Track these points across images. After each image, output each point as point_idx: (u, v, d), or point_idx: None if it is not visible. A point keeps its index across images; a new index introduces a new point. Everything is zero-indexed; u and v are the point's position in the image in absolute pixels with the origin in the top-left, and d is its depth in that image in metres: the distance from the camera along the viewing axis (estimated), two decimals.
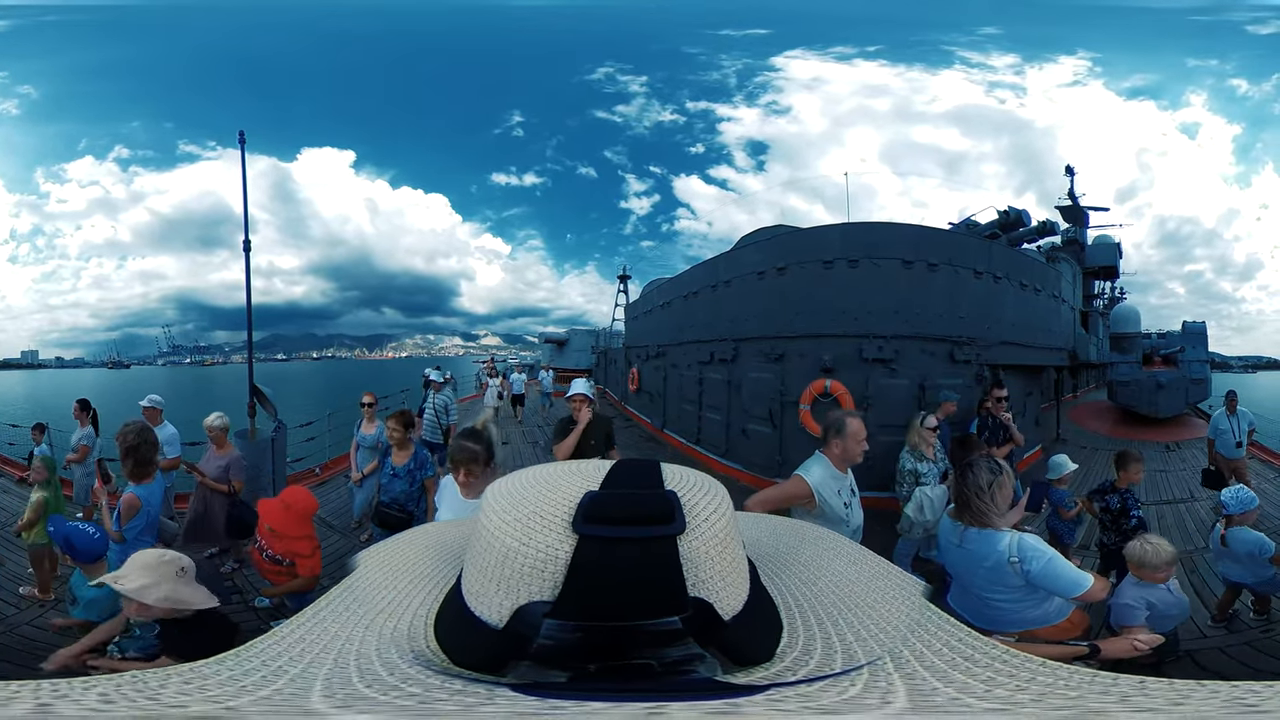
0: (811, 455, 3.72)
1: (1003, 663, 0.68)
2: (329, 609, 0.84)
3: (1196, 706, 0.60)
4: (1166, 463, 10.89)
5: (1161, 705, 0.59)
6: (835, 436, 3.62)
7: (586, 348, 27.11)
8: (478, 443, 3.48)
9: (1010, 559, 2.75)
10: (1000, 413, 6.98)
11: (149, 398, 7.10)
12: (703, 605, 0.66)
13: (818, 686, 0.63)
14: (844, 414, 3.78)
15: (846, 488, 3.65)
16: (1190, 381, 15.51)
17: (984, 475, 2.94)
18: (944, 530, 3.17)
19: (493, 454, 3.56)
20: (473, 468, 3.39)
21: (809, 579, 0.91)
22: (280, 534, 4.11)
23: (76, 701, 0.63)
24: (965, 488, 2.95)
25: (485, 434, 3.60)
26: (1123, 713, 0.58)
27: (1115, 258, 21.40)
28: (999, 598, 2.86)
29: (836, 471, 3.61)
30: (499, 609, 0.68)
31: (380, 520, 5.41)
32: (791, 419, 8.69)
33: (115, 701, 0.63)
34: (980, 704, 0.60)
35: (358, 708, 0.60)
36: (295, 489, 4.68)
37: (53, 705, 0.62)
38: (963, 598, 3.07)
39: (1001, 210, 18.72)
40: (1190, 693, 0.62)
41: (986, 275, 8.96)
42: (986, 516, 2.89)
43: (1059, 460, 5.83)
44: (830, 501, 3.49)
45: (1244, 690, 0.63)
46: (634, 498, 0.70)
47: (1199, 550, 6.69)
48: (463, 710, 0.59)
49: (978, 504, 2.90)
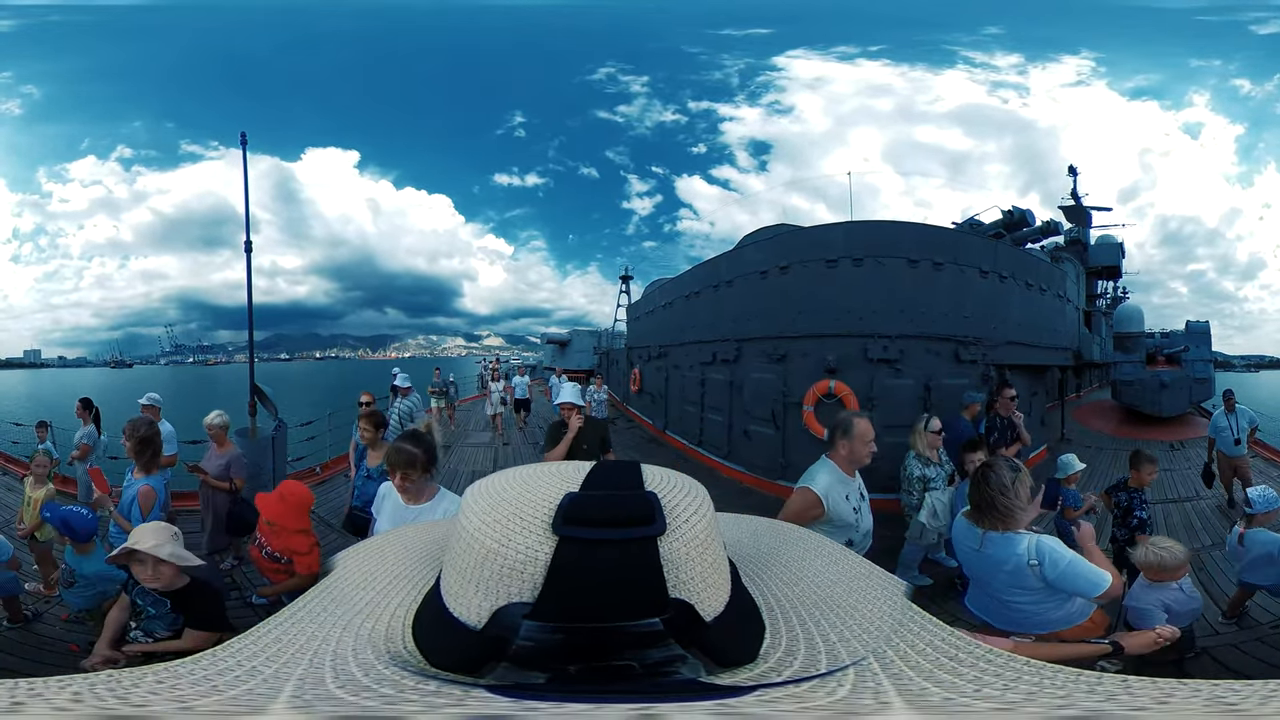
0: (815, 461, 3.59)
1: (987, 662, 0.69)
2: (306, 610, 0.83)
3: (1181, 705, 0.60)
4: (1171, 462, 10.87)
5: (1147, 704, 0.60)
6: (842, 438, 3.49)
7: (589, 348, 27.08)
8: (417, 445, 3.29)
9: (1030, 562, 2.71)
10: (1011, 412, 6.94)
11: (148, 396, 7.14)
12: (684, 606, 0.66)
13: (805, 687, 0.63)
14: (851, 414, 3.63)
15: (855, 491, 3.51)
16: (1194, 380, 15.49)
17: (1006, 474, 2.87)
18: (960, 534, 3.11)
19: (434, 458, 3.38)
20: (410, 472, 3.21)
21: (790, 580, 0.90)
22: (278, 527, 4.10)
23: (49, 700, 0.63)
24: (988, 488, 2.86)
25: (427, 437, 3.44)
26: (1118, 711, 0.58)
27: (1118, 257, 21.44)
28: (1020, 600, 2.82)
29: (844, 475, 3.47)
30: (478, 610, 0.67)
31: (351, 525, 5.08)
32: (794, 420, 8.65)
33: (84, 700, 0.63)
34: (982, 704, 0.59)
35: (318, 709, 0.59)
36: (291, 482, 4.72)
37: (25, 704, 0.62)
38: (982, 600, 3.03)
39: (1006, 210, 18.68)
40: (1174, 691, 0.63)
41: (992, 275, 8.93)
42: (1012, 515, 2.83)
43: (1067, 460, 5.79)
44: (838, 507, 3.36)
45: (1224, 689, 0.63)
46: (614, 499, 0.69)
47: (1205, 548, 6.71)
48: (429, 710, 0.58)
49: (1003, 502, 2.82)
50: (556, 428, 5.56)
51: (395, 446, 3.30)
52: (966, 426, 6.63)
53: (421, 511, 3.27)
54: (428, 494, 3.32)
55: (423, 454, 3.26)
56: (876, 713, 0.58)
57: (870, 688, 0.62)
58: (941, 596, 5.32)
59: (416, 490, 3.26)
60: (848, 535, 3.42)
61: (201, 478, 6.17)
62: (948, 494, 5.70)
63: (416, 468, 3.22)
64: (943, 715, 0.58)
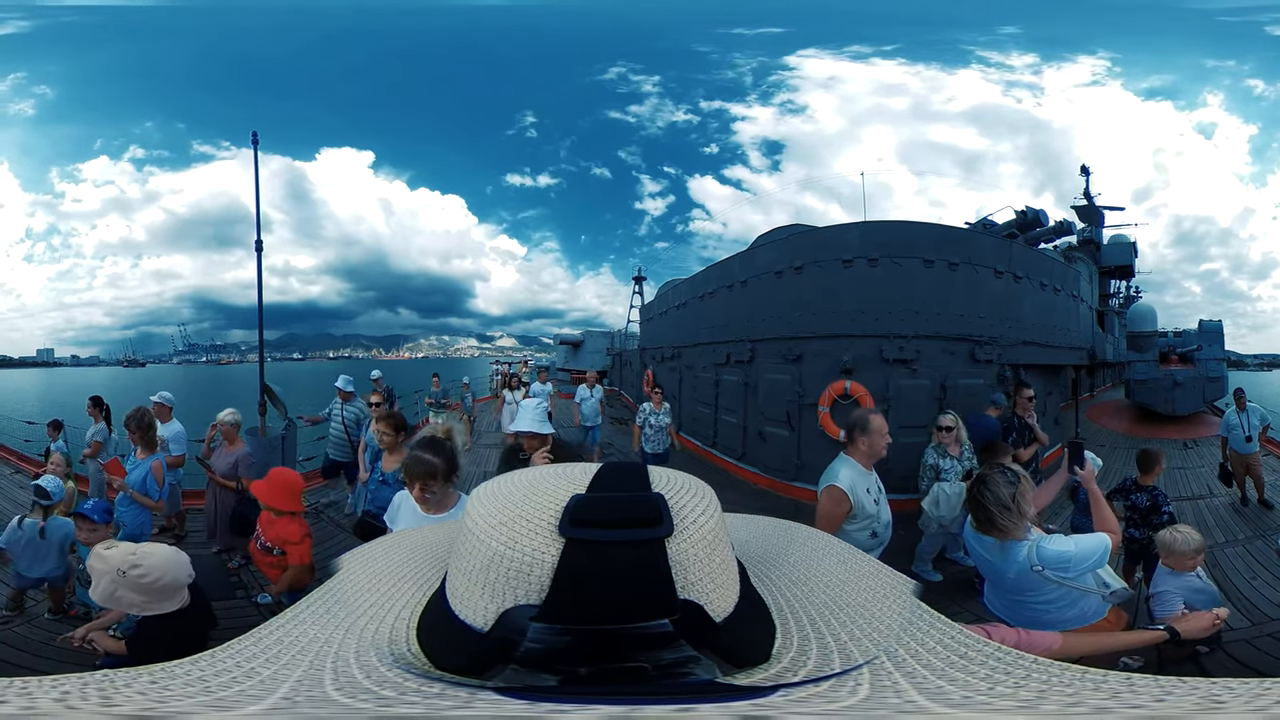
0: (834, 459, 3.76)
1: (997, 660, 0.69)
2: (309, 611, 0.83)
3: (1176, 702, 0.61)
4: (1185, 460, 10.90)
5: (1147, 701, 0.60)
6: (861, 434, 3.69)
7: (601, 349, 27.02)
8: (437, 454, 3.06)
9: (1033, 567, 2.71)
10: (1029, 413, 6.99)
11: (160, 394, 7.22)
12: (693, 607, 0.66)
13: (825, 686, 0.63)
14: (865, 411, 3.85)
15: (874, 485, 3.72)
16: (1207, 379, 15.46)
17: (1003, 489, 2.80)
18: (969, 537, 3.15)
19: (455, 467, 3.15)
20: (430, 483, 3.01)
21: (799, 579, 0.91)
22: (270, 510, 4.21)
23: (31, 700, 0.63)
24: (985, 503, 2.83)
25: (447, 445, 3.18)
26: (1119, 709, 0.59)
27: (1131, 257, 21.42)
28: (1031, 599, 2.86)
29: (863, 470, 3.68)
30: (484, 613, 0.67)
31: (362, 531, 4.69)
32: (810, 421, 8.66)
33: (73, 703, 0.63)
34: (1001, 703, 0.60)
35: (305, 711, 0.59)
36: (282, 468, 4.90)
37: (7, 701, 0.63)
38: (998, 599, 3.07)
39: (1019, 210, 18.68)
40: (1173, 688, 0.63)
41: (1007, 275, 8.93)
42: (1013, 531, 2.81)
43: (1086, 457, 5.80)
44: (862, 500, 3.56)
45: (1220, 688, 0.64)
46: (621, 501, 0.69)
47: (1218, 545, 6.81)
48: (432, 712, 0.58)
49: (1002, 521, 2.79)
50: (510, 453, 4.52)
51: (414, 456, 3.11)
52: (994, 423, 6.70)
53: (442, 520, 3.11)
54: (449, 502, 3.15)
55: (443, 464, 3.07)
56: (902, 711, 0.58)
57: (889, 686, 0.63)
58: (961, 595, 5.37)
59: (439, 501, 3.09)
60: (870, 527, 3.62)
61: (209, 476, 6.33)
62: (956, 486, 5.74)
63: (437, 478, 3.04)
64: (965, 713, 0.58)
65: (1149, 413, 14.80)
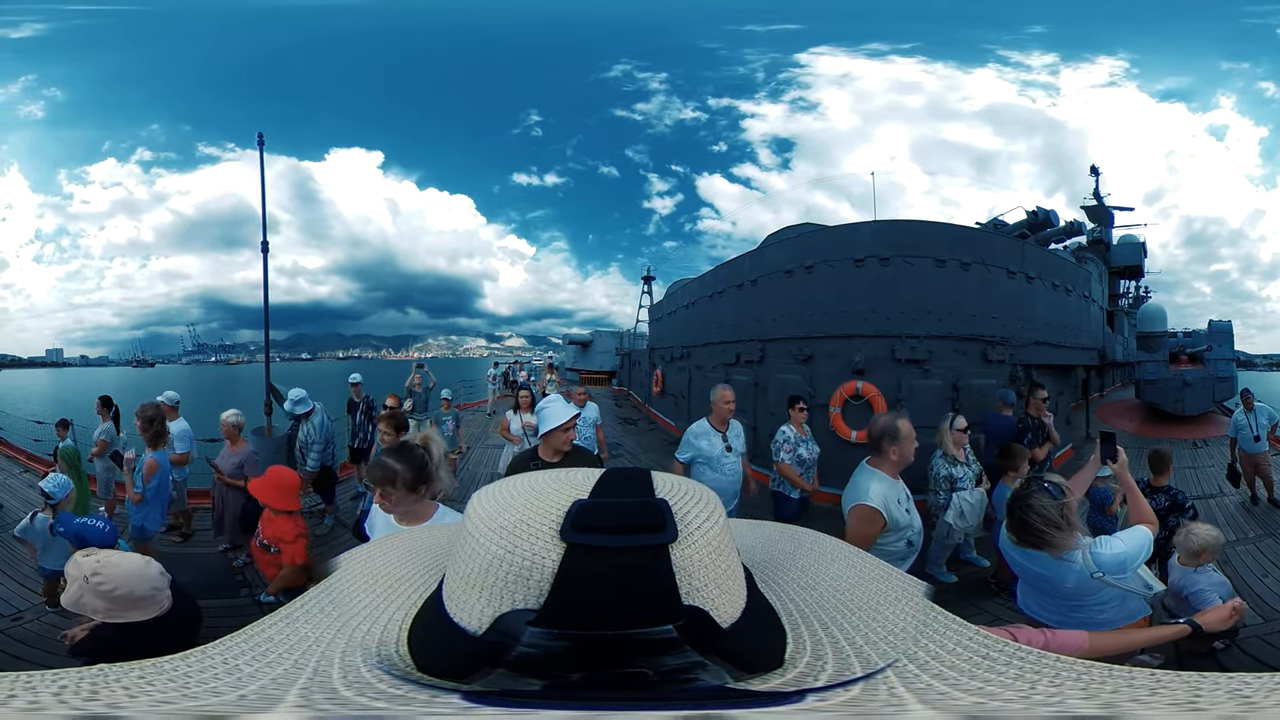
0: (856, 471, 3.59)
1: (1021, 660, 0.68)
2: (303, 610, 0.83)
3: (1207, 698, 0.61)
4: (1195, 459, 10.89)
5: (1181, 698, 0.60)
6: (891, 443, 3.49)
7: (610, 349, 26.98)
8: (401, 461, 2.80)
9: (1093, 574, 2.67)
10: (1042, 413, 7.00)
11: (166, 394, 7.32)
12: (698, 613, 0.65)
13: (856, 690, 0.62)
14: (893, 417, 3.61)
15: (903, 493, 3.54)
16: (1216, 379, 15.38)
17: (1049, 508, 2.71)
18: (1005, 546, 3.06)
19: (425, 477, 2.84)
20: (388, 489, 2.78)
21: (807, 584, 0.90)
22: (268, 506, 4.26)
23: (13, 696, 0.63)
24: (1033, 524, 2.74)
25: (417, 452, 2.87)
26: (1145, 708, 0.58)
27: (1140, 257, 21.38)
28: (1089, 603, 2.81)
29: (890, 480, 3.48)
30: (479, 615, 0.66)
31: (360, 535, 4.47)
32: (821, 422, 8.59)
33: (50, 700, 0.63)
34: (1039, 703, 0.59)
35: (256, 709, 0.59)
36: (280, 467, 4.95)
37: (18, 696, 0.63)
38: (1050, 607, 2.98)
39: (1030, 210, 18.65)
40: (1199, 683, 0.63)
41: (1019, 275, 8.92)
42: (1065, 545, 2.73)
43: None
44: (894, 513, 3.38)
45: (1239, 682, 0.64)
46: (624, 506, 0.69)
47: (1230, 544, 6.78)
48: (385, 713, 0.58)
49: (1054, 539, 2.71)
50: (523, 460, 4.18)
51: (377, 460, 2.91)
52: (1010, 422, 6.69)
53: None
54: (425, 513, 2.88)
55: (406, 471, 2.78)
56: (941, 711, 0.58)
57: (919, 690, 0.61)
58: (976, 595, 5.39)
59: (404, 511, 2.85)
60: (905, 536, 3.47)
61: (216, 475, 6.41)
62: (976, 494, 5.72)
63: (396, 485, 2.78)
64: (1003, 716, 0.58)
65: (1158, 412, 14.73)
